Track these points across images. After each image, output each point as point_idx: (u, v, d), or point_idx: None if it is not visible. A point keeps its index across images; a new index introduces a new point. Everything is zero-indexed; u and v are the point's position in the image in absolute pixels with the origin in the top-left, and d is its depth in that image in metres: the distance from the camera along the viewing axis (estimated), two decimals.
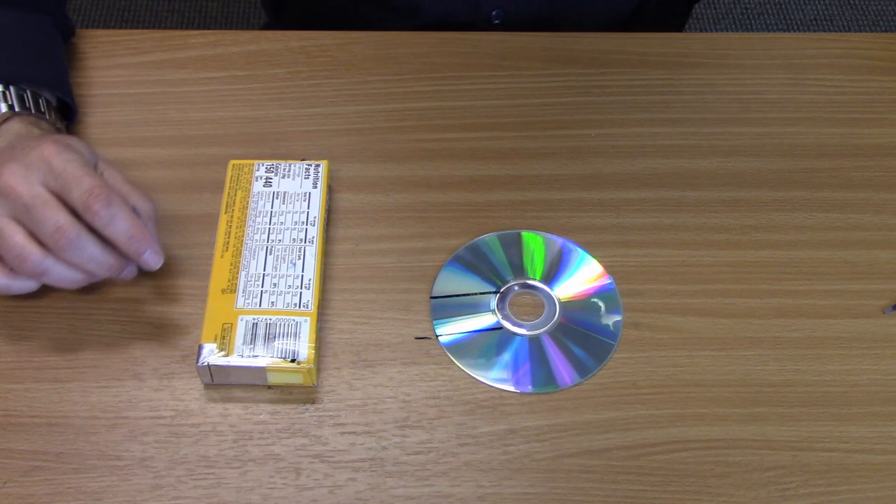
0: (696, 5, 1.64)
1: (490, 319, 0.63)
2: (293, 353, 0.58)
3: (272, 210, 0.64)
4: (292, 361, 0.58)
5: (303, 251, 0.62)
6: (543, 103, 0.74)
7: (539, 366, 0.61)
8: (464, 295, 0.64)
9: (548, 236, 0.67)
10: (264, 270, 0.61)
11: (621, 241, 0.67)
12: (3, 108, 0.63)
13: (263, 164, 0.67)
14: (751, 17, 1.80)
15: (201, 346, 0.58)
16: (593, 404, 0.60)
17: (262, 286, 0.61)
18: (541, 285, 0.65)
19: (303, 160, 0.67)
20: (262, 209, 0.64)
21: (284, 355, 0.58)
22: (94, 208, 0.55)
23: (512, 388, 0.60)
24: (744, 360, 0.62)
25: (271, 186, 0.65)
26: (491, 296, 0.64)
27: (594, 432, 0.59)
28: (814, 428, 0.59)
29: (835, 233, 0.68)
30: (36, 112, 0.64)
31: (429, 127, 0.72)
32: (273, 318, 0.59)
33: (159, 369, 0.60)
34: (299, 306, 0.60)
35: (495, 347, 0.62)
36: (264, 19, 1.01)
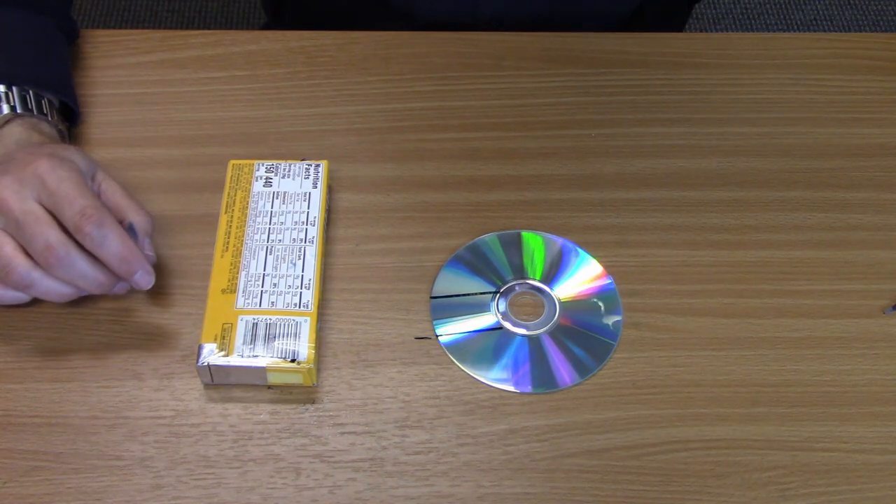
0: (696, 5, 1.64)
1: (490, 319, 0.63)
2: (293, 353, 0.58)
3: (272, 210, 0.64)
4: (292, 361, 0.58)
5: (303, 251, 0.62)
6: (543, 103, 0.74)
7: (539, 366, 0.61)
8: (464, 295, 0.64)
9: (548, 236, 0.67)
10: (264, 270, 0.61)
11: (621, 241, 0.67)
12: (4, 109, 0.63)
13: (263, 164, 0.67)
14: (751, 17, 1.80)
15: (201, 346, 0.58)
16: (593, 404, 0.60)
17: (262, 286, 0.61)
18: (541, 285, 0.65)
19: (303, 160, 0.67)
20: (262, 209, 0.64)
21: (284, 355, 0.58)
22: (85, 230, 0.55)
23: (512, 388, 0.60)
24: (744, 360, 0.62)
25: (271, 186, 0.65)
26: (491, 296, 0.64)
27: (594, 432, 0.59)
28: (814, 428, 0.59)
29: (835, 233, 0.68)
30: (38, 114, 0.64)
31: (429, 127, 0.72)
32: (273, 318, 0.59)
33: (159, 369, 0.60)
34: (299, 306, 0.60)
35: (495, 347, 0.62)
36: (264, 19, 1.01)
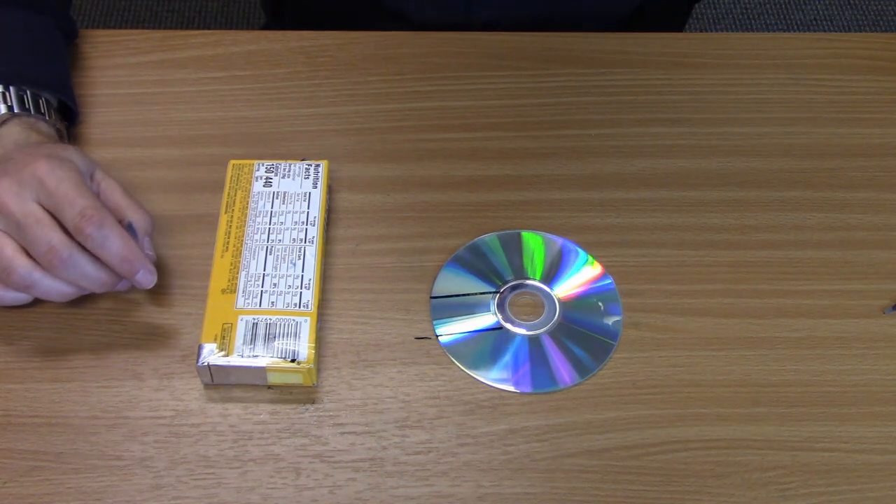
0: (696, 5, 1.64)
1: (490, 319, 0.63)
2: (293, 353, 0.58)
3: (272, 210, 0.64)
4: (292, 361, 0.58)
5: (303, 251, 0.62)
6: (543, 103, 0.74)
7: (539, 366, 0.61)
8: (464, 295, 0.64)
9: (548, 236, 0.67)
10: (264, 270, 0.61)
11: (621, 241, 0.67)
12: (2, 109, 0.63)
13: (263, 164, 0.67)
14: (751, 17, 1.80)
15: (201, 346, 0.58)
16: (593, 404, 0.60)
17: (262, 286, 0.61)
18: (541, 285, 0.65)
19: (303, 160, 0.67)
20: (262, 209, 0.64)
21: (284, 355, 0.58)
22: (86, 231, 0.55)
23: (512, 388, 0.60)
24: (744, 360, 0.62)
25: (271, 186, 0.65)
26: (491, 296, 0.64)
27: (594, 432, 0.59)
28: (814, 428, 0.59)
29: (835, 233, 0.68)
30: (35, 113, 0.64)
31: (429, 127, 0.72)
32: (273, 318, 0.59)
33: (159, 369, 0.60)
34: (299, 306, 0.60)
35: (495, 347, 0.62)
36: (264, 19, 1.01)
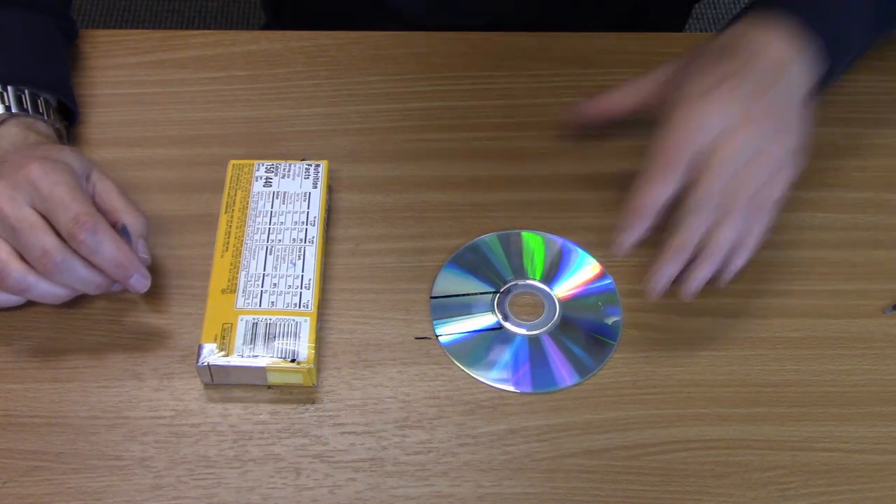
0: (696, 5, 1.63)
1: (490, 319, 0.63)
2: (293, 353, 0.58)
3: (272, 210, 0.64)
4: (292, 361, 0.58)
5: (303, 251, 0.62)
6: (543, 103, 0.74)
7: (539, 366, 0.61)
8: (464, 295, 0.64)
9: (548, 236, 0.67)
10: (264, 270, 0.61)
11: None
12: None
13: (263, 164, 0.67)
14: None
15: (201, 346, 0.58)
16: (593, 404, 0.60)
17: (262, 286, 0.61)
18: (541, 285, 0.65)
19: (303, 160, 0.67)
20: (262, 209, 0.64)
21: (284, 355, 0.58)
22: (79, 237, 0.55)
23: (512, 388, 0.60)
24: (744, 360, 0.62)
25: (271, 186, 0.65)
26: (491, 296, 0.64)
27: (594, 432, 0.59)
28: (814, 428, 0.59)
29: (835, 233, 0.68)
30: (34, 113, 0.64)
31: (429, 127, 0.72)
32: (273, 318, 0.59)
33: (159, 369, 0.60)
34: (299, 306, 0.60)
35: (495, 347, 0.62)
36: (264, 19, 1.01)
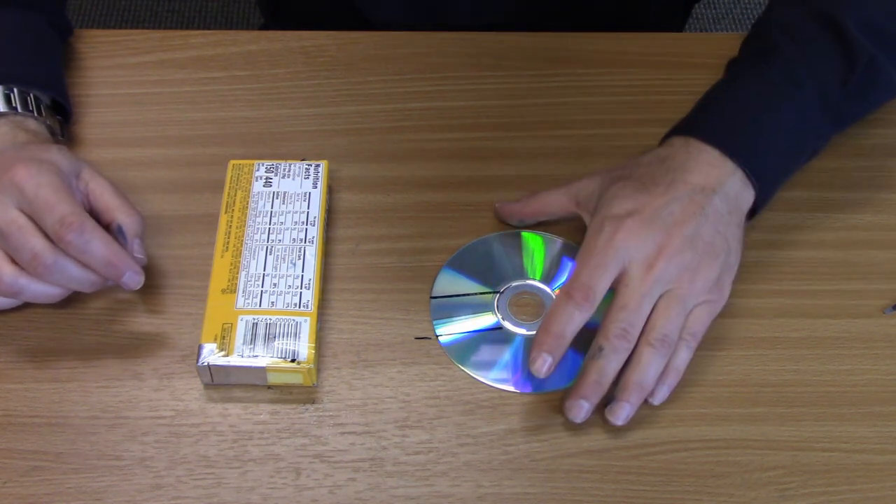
0: (696, 5, 1.64)
1: (490, 319, 0.63)
2: (293, 353, 0.58)
3: (272, 210, 0.64)
4: (292, 361, 0.58)
5: (303, 251, 0.62)
6: (543, 103, 0.74)
7: None
8: (464, 295, 0.64)
9: (548, 236, 0.67)
10: (264, 270, 0.61)
11: None
12: None
13: (263, 164, 0.67)
14: (751, 17, 1.80)
15: (201, 346, 0.58)
16: None
17: (262, 286, 0.61)
18: (541, 285, 0.65)
19: (303, 160, 0.67)
20: (262, 209, 0.64)
21: (284, 355, 0.58)
22: (66, 238, 0.55)
23: (512, 388, 0.60)
24: (744, 360, 0.62)
25: (271, 186, 0.65)
26: (491, 296, 0.64)
27: (594, 432, 0.59)
28: (814, 428, 0.59)
29: (835, 233, 0.68)
30: (23, 111, 0.64)
31: (429, 127, 0.72)
32: (273, 318, 0.59)
33: (159, 369, 0.60)
34: (299, 306, 0.60)
35: (495, 347, 0.62)
36: (263, 20, 1.01)
